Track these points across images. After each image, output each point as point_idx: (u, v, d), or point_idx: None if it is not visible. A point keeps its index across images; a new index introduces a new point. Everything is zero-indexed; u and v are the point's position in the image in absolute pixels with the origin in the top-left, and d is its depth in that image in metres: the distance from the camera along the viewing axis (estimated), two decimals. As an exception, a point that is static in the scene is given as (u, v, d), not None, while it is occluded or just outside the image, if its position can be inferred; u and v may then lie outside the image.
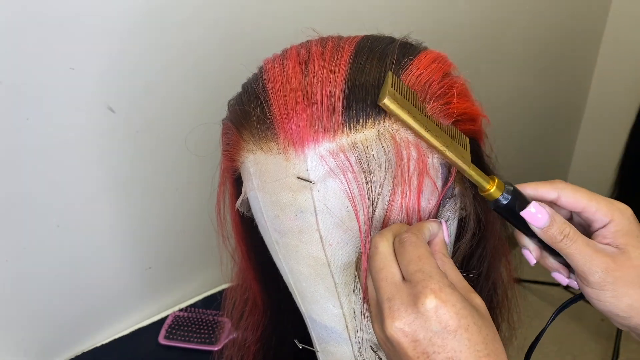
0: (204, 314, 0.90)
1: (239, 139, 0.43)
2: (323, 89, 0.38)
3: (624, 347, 1.57)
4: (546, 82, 1.81)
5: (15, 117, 0.65)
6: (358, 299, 0.43)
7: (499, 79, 1.55)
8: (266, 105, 0.40)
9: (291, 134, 0.38)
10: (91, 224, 0.79)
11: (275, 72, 0.41)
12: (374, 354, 0.44)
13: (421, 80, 0.40)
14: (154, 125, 0.78)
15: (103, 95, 0.71)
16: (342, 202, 0.39)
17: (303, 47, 0.43)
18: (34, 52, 0.63)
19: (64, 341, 0.84)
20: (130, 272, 0.87)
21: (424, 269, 0.33)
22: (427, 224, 0.39)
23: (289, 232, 0.42)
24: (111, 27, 0.68)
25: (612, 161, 1.87)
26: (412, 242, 0.35)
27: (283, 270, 0.46)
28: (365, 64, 0.40)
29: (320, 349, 0.47)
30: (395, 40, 0.43)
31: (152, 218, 0.86)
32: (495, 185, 0.37)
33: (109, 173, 0.77)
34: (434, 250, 0.38)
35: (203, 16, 0.76)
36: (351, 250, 0.41)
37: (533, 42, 1.61)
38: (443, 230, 0.40)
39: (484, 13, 1.34)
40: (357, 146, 0.38)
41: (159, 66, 0.75)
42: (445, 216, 0.43)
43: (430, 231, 0.39)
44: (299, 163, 0.39)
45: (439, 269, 0.34)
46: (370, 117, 0.38)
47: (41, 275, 0.76)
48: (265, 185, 0.41)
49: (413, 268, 0.34)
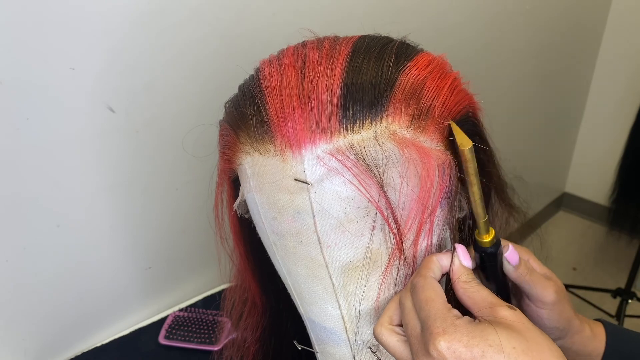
0: (204, 314, 0.90)
1: (235, 141, 0.43)
2: (319, 90, 0.38)
3: (624, 347, 1.57)
4: (546, 82, 1.81)
5: (15, 117, 0.65)
6: (357, 300, 0.43)
7: (499, 79, 1.55)
8: (263, 107, 0.40)
9: (288, 136, 0.38)
10: (91, 224, 0.79)
11: (271, 73, 0.41)
12: (372, 355, 0.44)
13: (420, 80, 0.40)
14: (154, 125, 0.78)
15: (103, 95, 0.71)
16: (339, 204, 0.39)
17: (299, 47, 0.43)
18: (34, 51, 0.63)
19: (64, 341, 0.84)
20: (130, 272, 0.87)
21: (430, 313, 0.35)
22: (435, 259, 0.40)
23: (286, 233, 0.42)
24: (111, 27, 0.68)
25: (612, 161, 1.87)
26: (420, 286, 0.37)
27: (281, 272, 0.46)
28: (362, 65, 0.40)
29: (319, 349, 0.47)
30: (393, 41, 0.43)
31: (152, 218, 0.86)
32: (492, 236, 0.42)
33: (109, 173, 0.77)
34: (453, 280, 0.39)
35: (203, 16, 0.76)
36: (349, 252, 0.41)
37: (533, 43, 1.61)
38: (459, 255, 0.40)
39: (483, 13, 1.34)
40: (354, 147, 0.38)
41: (158, 66, 0.75)
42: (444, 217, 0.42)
43: (441, 264, 0.39)
44: (296, 165, 0.39)
45: (444, 307, 0.35)
46: (367, 118, 0.38)
47: (41, 275, 0.76)
48: (263, 187, 0.41)
49: (423, 315, 0.36)
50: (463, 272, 0.39)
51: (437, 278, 0.39)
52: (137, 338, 0.87)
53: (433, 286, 0.37)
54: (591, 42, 1.95)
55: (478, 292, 0.37)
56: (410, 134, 0.39)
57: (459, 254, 0.40)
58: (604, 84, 2.04)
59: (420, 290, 0.37)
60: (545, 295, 0.45)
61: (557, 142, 2.13)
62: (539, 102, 1.82)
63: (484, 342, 0.33)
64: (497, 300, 0.36)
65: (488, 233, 0.41)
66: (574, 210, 2.35)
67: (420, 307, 0.36)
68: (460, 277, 0.39)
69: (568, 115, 2.09)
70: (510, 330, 0.33)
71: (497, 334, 0.33)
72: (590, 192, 2.25)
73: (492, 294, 0.37)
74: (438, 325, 0.34)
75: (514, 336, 0.33)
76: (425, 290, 0.37)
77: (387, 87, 0.39)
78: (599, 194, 2.14)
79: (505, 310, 0.35)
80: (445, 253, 0.40)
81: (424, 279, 0.38)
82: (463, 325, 0.34)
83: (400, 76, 0.39)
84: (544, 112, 1.89)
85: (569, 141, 2.20)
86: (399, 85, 0.39)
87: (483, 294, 0.37)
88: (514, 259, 0.43)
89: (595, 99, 2.09)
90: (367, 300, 0.42)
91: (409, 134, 0.39)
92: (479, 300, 0.37)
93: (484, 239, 0.41)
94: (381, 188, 0.38)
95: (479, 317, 0.36)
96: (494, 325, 0.34)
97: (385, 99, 0.38)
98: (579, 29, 1.81)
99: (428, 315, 0.35)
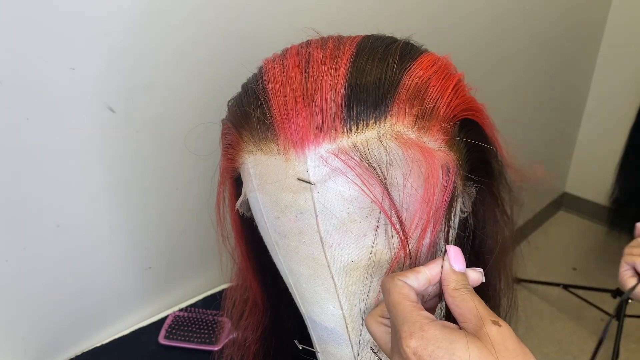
0: (204, 314, 0.90)
1: (238, 140, 0.43)
2: (323, 90, 0.38)
3: (624, 347, 1.58)
4: (546, 82, 1.81)
5: (15, 117, 0.65)
6: (358, 300, 0.43)
7: (499, 79, 1.55)
8: (266, 106, 0.40)
9: (291, 135, 0.38)
10: (91, 224, 0.78)
11: (275, 72, 0.41)
12: (374, 355, 0.44)
13: (424, 81, 0.40)
14: (154, 125, 0.78)
15: (103, 95, 0.71)
16: (342, 204, 0.39)
17: (303, 47, 0.43)
18: (34, 52, 0.63)
19: (64, 341, 0.84)
20: (130, 272, 0.87)
21: (398, 316, 0.34)
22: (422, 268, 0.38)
23: (289, 233, 0.41)
24: (111, 27, 0.68)
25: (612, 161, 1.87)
26: (387, 289, 0.37)
27: (283, 271, 0.46)
28: (367, 65, 0.39)
29: (320, 349, 0.47)
30: (397, 41, 0.43)
31: (152, 218, 0.86)
32: None
33: (109, 173, 0.77)
34: (443, 287, 0.37)
35: (203, 16, 0.76)
36: (351, 252, 0.41)
37: (533, 43, 1.61)
38: (449, 257, 0.38)
39: (484, 12, 1.34)
40: (358, 147, 0.38)
41: (158, 66, 0.75)
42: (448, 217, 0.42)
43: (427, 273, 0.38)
44: (299, 164, 0.39)
45: (412, 309, 0.34)
46: (370, 118, 0.38)
47: (41, 275, 0.76)
48: (266, 187, 0.41)
49: (393, 317, 0.35)
50: (452, 278, 0.37)
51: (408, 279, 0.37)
52: (137, 338, 0.87)
53: (399, 289, 0.36)
54: (591, 42, 1.95)
55: (465, 302, 0.35)
56: (414, 135, 0.39)
57: (450, 256, 0.38)
58: (604, 83, 2.04)
59: (387, 293, 0.36)
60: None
61: (557, 142, 2.13)
62: (539, 102, 1.83)
63: (449, 355, 0.31)
64: (485, 313, 0.34)
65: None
66: (574, 210, 2.35)
67: (390, 310, 0.36)
68: (449, 284, 0.37)
69: (568, 115, 2.10)
70: (485, 350, 0.31)
71: (468, 349, 0.31)
72: (590, 192, 2.25)
73: (482, 304, 0.35)
74: (405, 329, 0.33)
75: (485, 356, 0.31)
76: (392, 294, 0.36)
77: (391, 87, 0.39)
78: (599, 194, 2.14)
79: (490, 326, 0.33)
80: (434, 262, 0.39)
81: (391, 281, 0.37)
82: (432, 330, 0.33)
83: (405, 76, 0.39)
84: (544, 112, 1.89)
85: (569, 141, 2.20)
86: (403, 85, 0.39)
87: (470, 304, 0.35)
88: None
89: (595, 99, 2.09)
90: (369, 301, 0.42)
91: (412, 134, 0.39)
92: (466, 312, 0.35)
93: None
94: (385, 188, 0.38)
95: (463, 329, 0.34)
96: (469, 338, 0.32)
97: (389, 99, 0.38)
98: (579, 29, 1.81)
99: (396, 317, 0.35)
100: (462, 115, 0.42)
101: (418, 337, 0.32)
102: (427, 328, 0.33)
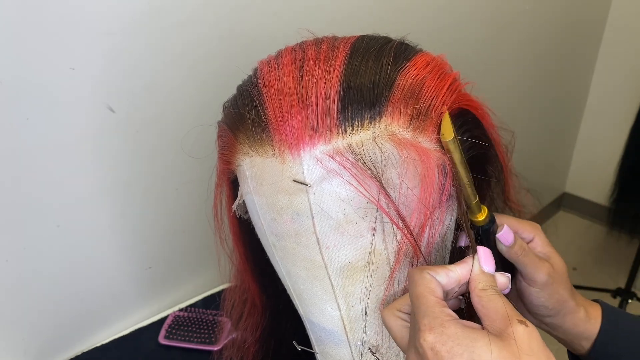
0: (204, 314, 0.90)
1: (234, 142, 0.43)
2: (318, 91, 0.38)
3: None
4: (546, 82, 1.81)
5: (15, 117, 0.65)
6: (356, 301, 0.43)
7: (499, 79, 1.55)
8: (261, 108, 0.40)
9: (286, 137, 0.38)
10: (91, 224, 0.79)
11: (269, 74, 0.41)
12: (372, 355, 0.44)
13: (419, 81, 0.40)
14: (154, 125, 0.78)
15: (103, 95, 0.71)
16: (338, 205, 0.39)
17: (298, 48, 0.43)
18: (34, 51, 0.63)
19: (64, 341, 0.84)
20: (130, 272, 0.87)
21: (420, 309, 0.35)
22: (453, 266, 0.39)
23: (285, 235, 0.42)
24: (111, 27, 0.68)
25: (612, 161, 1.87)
26: (414, 280, 0.37)
27: (281, 273, 0.46)
28: (361, 65, 0.39)
29: (318, 350, 0.47)
30: (392, 41, 0.43)
31: (152, 218, 0.86)
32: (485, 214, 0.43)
33: (109, 173, 0.77)
34: (470, 287, 0.38)
35: (203, 16, 0.76)
36: (348, 253, 0.41)
37: (533, 42, 1.61)
38: (480, 258, 0.39)
39: (484, 12, 1.34)
40: (353, 148, 0.38)
41: (158, 66, 0.75)
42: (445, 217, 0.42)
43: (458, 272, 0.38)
44: (294, 166, 0.39)
45: (436, 304, 0.35)
46: (365, 119, 0.38)
47: (41, 275, 0.76)
48: (262, 189, 0.41)
49: (415, 309, 0.36)
50: (481, 279, 0.38)
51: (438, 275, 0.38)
52: (137, 338, 0.87)
53: (426, 281, 0.36)
54: (591, 42, 1.95)
55: (492, 302, 0.35)
56: (409, 135, 0.39)
57: (480, 257, 0.39)
58: (604, 84, 2.04)
59: (413, 284, 0.37)
60: (536, 276, 0.46)
61: (557, 142, 2.13)
62: (539, 102, 1.82)
63: (468, 352, 0.31)
64: (512, 313, 0.34)
65: (481, 212, 0.43)
66: (574, 210, 2.35)
67: (413, 302, 0.36)
68: (477, 285, 0.37)
69: (568, 115, 2.09)
70: (507, 349, 0.31)
71: (490, 347, 0.31)
72: (590, 192, 2.25)
73: (509, 305, 0.35)
74: (425, 323, 0.33)
75: (506, 356, 0.31)
76: (418, 285, 0.36)
77: (386, 87, 0.39)
78: (599, 194, 2.14)
79: (517, 325, 0.33)
80: (460, 263, 0.39)
81: (419, 273, 0.37)
82: (452, 327, 0.33)
83: (399, 77, 0.39)
84: (543, 112, 1.89)
85: (569, 141, 2.20)
86: (397, 85, 0.39)
87: (497, 304, 0.35)
88: (507, 240, 0.44)
89: (596, 99, 2.09)
90: (367, 301, 0.42)
91: (407, 134, 0.39)
92: (492, 312, 0.35)
93: (477, 217, 0.43)
94: (381, 186, 0.38)
95: (486, 329, 0.34)
96: (491, 337, 0.32)
97: (384, 99, 0.38)
98: (579, 29, 1.81)
99: (418, 310, 0.35)
100: (458, 114, 0.42)
101: (438, 333, 0.33)
102: (448, 325, 0.33)
